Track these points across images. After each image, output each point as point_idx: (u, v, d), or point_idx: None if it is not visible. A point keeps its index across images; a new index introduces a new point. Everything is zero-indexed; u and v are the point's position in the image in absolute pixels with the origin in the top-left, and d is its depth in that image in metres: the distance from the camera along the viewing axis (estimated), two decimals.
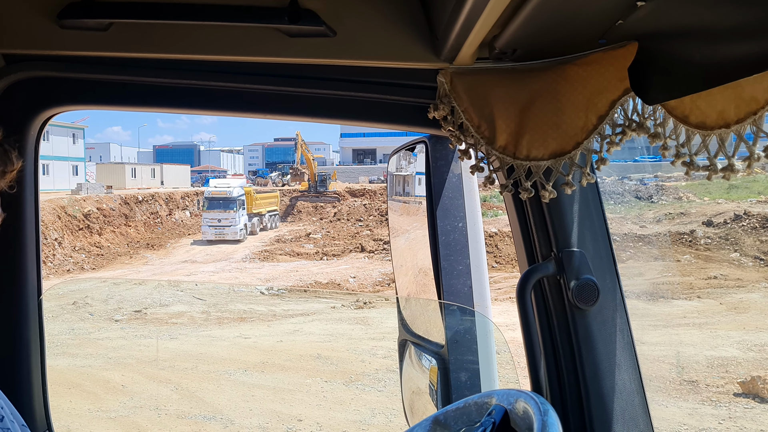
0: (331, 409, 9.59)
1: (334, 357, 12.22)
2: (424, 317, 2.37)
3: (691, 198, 31.10)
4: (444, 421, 1.35)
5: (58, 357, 11.78)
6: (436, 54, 1.45)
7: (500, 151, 1.43)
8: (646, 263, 20.54)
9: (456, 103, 1.47)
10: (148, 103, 1.68)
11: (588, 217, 1.56)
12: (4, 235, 1.43)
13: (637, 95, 1.26)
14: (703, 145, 1.12)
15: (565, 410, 1.57)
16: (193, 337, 14.03)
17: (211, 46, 1.51)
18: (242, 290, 20.12)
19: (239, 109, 1.67)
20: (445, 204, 1.98)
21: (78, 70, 1.60)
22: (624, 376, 1.57)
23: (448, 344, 1.98)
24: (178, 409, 9.55)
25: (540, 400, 1.14)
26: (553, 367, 1.59)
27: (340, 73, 1.59)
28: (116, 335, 14.03)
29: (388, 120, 1.67)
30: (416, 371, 2.30)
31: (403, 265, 2.74)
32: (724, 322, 14.62)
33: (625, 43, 1.26)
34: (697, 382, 10.77)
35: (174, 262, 31.33)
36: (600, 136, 1.34)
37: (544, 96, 1.37)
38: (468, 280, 1.97)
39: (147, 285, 19.84)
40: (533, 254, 1.61)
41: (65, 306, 16.05)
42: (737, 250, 22.98)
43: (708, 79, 1.04)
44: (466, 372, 1.96)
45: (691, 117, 1.13)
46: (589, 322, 1.56)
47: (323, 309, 17.12)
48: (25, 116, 1.66)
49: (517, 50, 1.35)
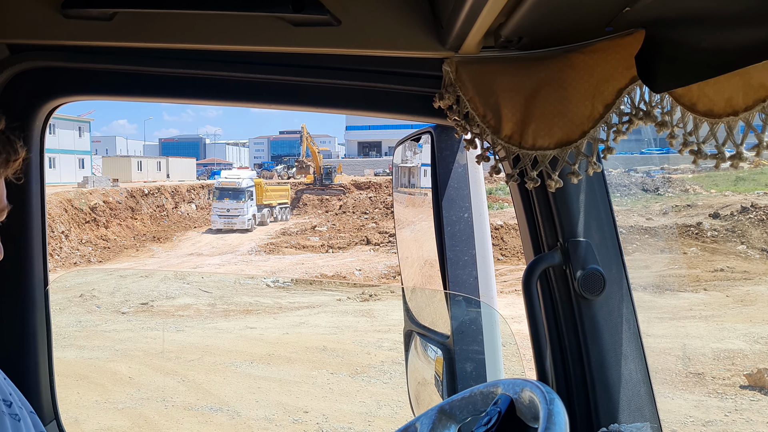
0: (336, 400, 9.62)
1: (340, 349, 12.24)
2: (429, 308, 2.37)
3: (697, 190, 30.97)
4: (449, 410, 1.35)
5: (65, 349, 11.85)
6: (441, 43, 1.44)
7: (506, 140, 1.42)
8: (653, 255, 20.48)
9: (461, 92, 1.46)
10: (152, 93, 1.68)
11: (594, 207, 1.55)
12: (11, 226, 1.43)
13: (644, 83, 1.25)
14: (710, 134, 1.11)
15: (570, 400, 1.57)
16: (199, 330, 14.08)
17: (215, 35, 1.50)
18: (248, 282, 20.16)
19: (244, 99, 1.67)
20: (450, 194, 1.97)
21: (82, 60, 1.60)
22: (630, 366, 1.56)
23: (453, 335, 1.98)
24: (185, 400, 9.60)
25: (546, 389, 1.14)
26: (558, 357, 1.59)
27: (344, 62, 1.58)
28: (123, 327, 14.09)
29: (393, 110, 1.67)
30: (422, 362, 2.30)
31: (408, 256, 2.74)
32: (731, 314, 14.57)
33: (632, 31, 1.24)
34: (704, 374, 10.75)
35: (180, 255, 31.41)
36: (606, 124, 1.33)
37: (550, 85, 1.36)
38: (473, 270, 1.96)
39: (153, 277, 19.91)
40: (539, 244, 1.61)
41: (72, 298, 16.12)
42: (744, 242, 22.89)
43: (716, 66, 1.03)
44: (471, 362, 1.96)
45: (699, 105, 1.12)
46: (595, 312, 1.55)
47: (329, 301, 17.14)
48: (30, 107, 1.66)
49: (522, 38, 1.34)
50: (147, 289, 18.23)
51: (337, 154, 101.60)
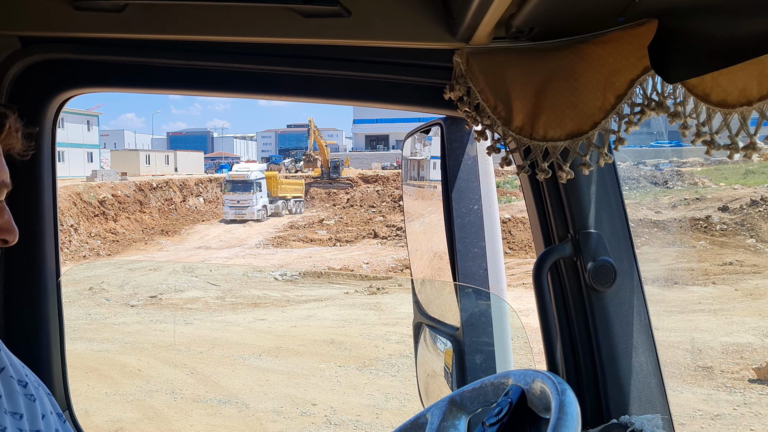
0: (344, 393, 9.65)
1: (348, 342, 12.27)
2: (439, 300, 2.37)
3: (706, 183, 30.81)
4: (460, 401, 1.35)
5: (75, 342, 11.92)
6: (451, 34, 1.44)
7: (517, 131, 1.42)
8: (661, 249, 20.41)
9: (472, 83, 1.45)
10: (163, 84, 1.68)
11: (605, 199, 1.55)
12: (23, 217, 1.44)
13: (657, 74, 1.24)
14: (724, 124, 1.10)
15: (581, 392, 1.57)
16: (207, 322, 14.14)
17: (226, 26, 1.50)
18: (256, 276, 20.22)
19: (254, 91, 1.67)
20: (460, 186, 1.97)
21: (93, 52, 1.61)
22: (641, 358, 1.56)
23: (463, 327, 1.98)
24: (194, 393, 9.65)
25: (557, 380, 1.14)
26: (569, 349, 1.59)
27: (354, 53, 1.58)
28: (132, 320, 14.17)
29: (404, 101, 1.66)
30: (431, 354, 2.30)
31: (418, 249, 2.74)
32: (740, 308, 14.51)
33: (645, 21, 1.23)
34: (712, 368, 10.72)
35: (188, 248, 31.52)
36: (618, 115, 1.33)
37: (561, 75, 1.35)
38: (483, 262, 1.96)
39: (162, 271, 19.99)
40: (550, 235, 1.60)
41: (82, 291, 16.22)
42: (753, 235, 22.76)
43: (730, 56, 1.02)
44: (481, 354, 1.96)
45: (713, 95, 1.11)
46: (605, 303, 1.55)
47: (337, 294, 17.17)
48: (42, 99, 1.67)
49: (534, 29, 1.33)
50: (155, 282, 18.32)
51: (345, 148, 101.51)
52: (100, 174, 42.09)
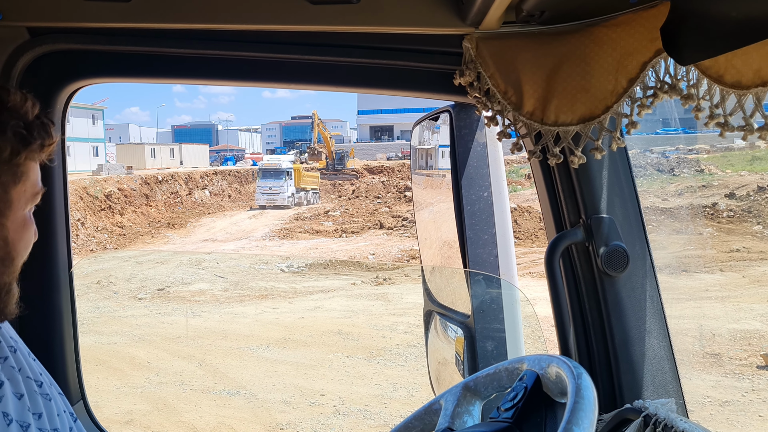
0: (353, 383, 9.67)
1: (355, 333, 12.29)
2: (449, 287, 2.36)
3: (713, 170, 30.64)
4: (474, 387, 1.35)
5: (84, 335, 11.89)
6: (461, 19, 1.43)
7: (528, 116, 1.41)
8: (668, 236, 20.33)
9: (482, 68, 1.45)
10: (171, 74, 1.68)
11: (617, 183, 1.54)
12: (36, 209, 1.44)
13: (669, 56, 1.23)
14: (738, 105, 1.09)
15: (594, 377, 1.56)
16: (215, 314, 14.18)
17: (233, 15, 1.50)
18: (263, 268, 20.25)
19: (262, 79, 1.66)
20: (470, 173, 1.96)
21: (102, 43, 1.61)
22: (654, 342, 1.56)
23: (474, 314, 1.98)
24: (203, 384, 9.69)
25: (573, 364, 1.14)
26: (582, 334, 1.59)
27: (363, 40, 1.57)
28: (140, 313, 14.22)
29: (413, 87, 1.65)
30: (442, 342, 2.30)
31: (427, 238, 2.74)
32: (747, 295, 14.46)
33: (657, 3, 1.22)
34: (720, 354, 10.70)
35: (195, 241, 31.59)
36: (630, 99, 1.32)
37: (572, 59, 1.34)
38: (494, 249, 1.95)
39: (169, 263, 20.05)
40: (561, 221, 1.60)
41: (90, 285, 16.28)
42: (760, 222, 22.65)
43: (744, 36, 1.01)
44: (492, 341, 1.96)
45: (726, 76, 1.10)
46: (618, 288, 1.54)
47: (343, 285, 17.19)
48: (51, 90, 1.67)
49: (544, 12, 1.32)
50: (163, 275, 18.37)
51: (349, 139, 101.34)
52: (106, 168, 42.16)
